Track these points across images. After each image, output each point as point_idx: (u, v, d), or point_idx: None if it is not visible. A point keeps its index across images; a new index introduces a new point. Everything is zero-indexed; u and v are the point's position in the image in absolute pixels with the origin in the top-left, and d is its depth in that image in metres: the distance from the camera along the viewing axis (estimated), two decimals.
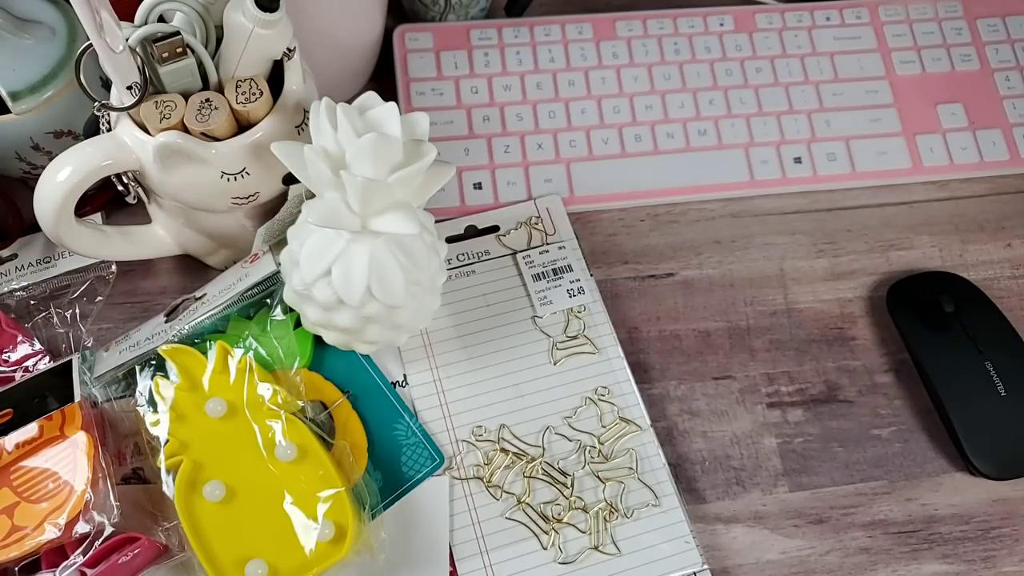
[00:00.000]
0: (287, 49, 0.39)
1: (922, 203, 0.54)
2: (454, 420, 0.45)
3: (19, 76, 0.44)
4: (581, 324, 0.48)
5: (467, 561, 0.42)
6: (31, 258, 0.48)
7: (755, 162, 0.54)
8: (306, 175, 0.37)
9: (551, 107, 0.54)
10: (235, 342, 0.44)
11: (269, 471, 0.40)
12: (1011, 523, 0.45)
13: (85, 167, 0.39)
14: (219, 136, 0.39)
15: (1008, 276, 0.52)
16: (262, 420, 0.41)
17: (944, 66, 0.57)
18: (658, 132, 0.54)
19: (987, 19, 0.59)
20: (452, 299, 0.48)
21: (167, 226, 0.46)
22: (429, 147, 0.36)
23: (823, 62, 0.57)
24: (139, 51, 0.37)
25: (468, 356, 0.47)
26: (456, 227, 0.51)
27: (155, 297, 0.49)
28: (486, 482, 0.44)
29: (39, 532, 0.38)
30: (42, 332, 0.47)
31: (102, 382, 0.43)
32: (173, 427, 0.41)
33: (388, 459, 0.44)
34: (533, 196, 0.52)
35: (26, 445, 0.40)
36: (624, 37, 0.57)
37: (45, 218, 0.40)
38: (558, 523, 0.43)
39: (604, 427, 0.45)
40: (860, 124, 0.55)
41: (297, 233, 0.40)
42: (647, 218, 0.53)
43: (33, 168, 0.47)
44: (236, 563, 0.38)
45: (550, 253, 0.50)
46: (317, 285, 0.39)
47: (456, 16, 0.57)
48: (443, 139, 0.53)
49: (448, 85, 0.55)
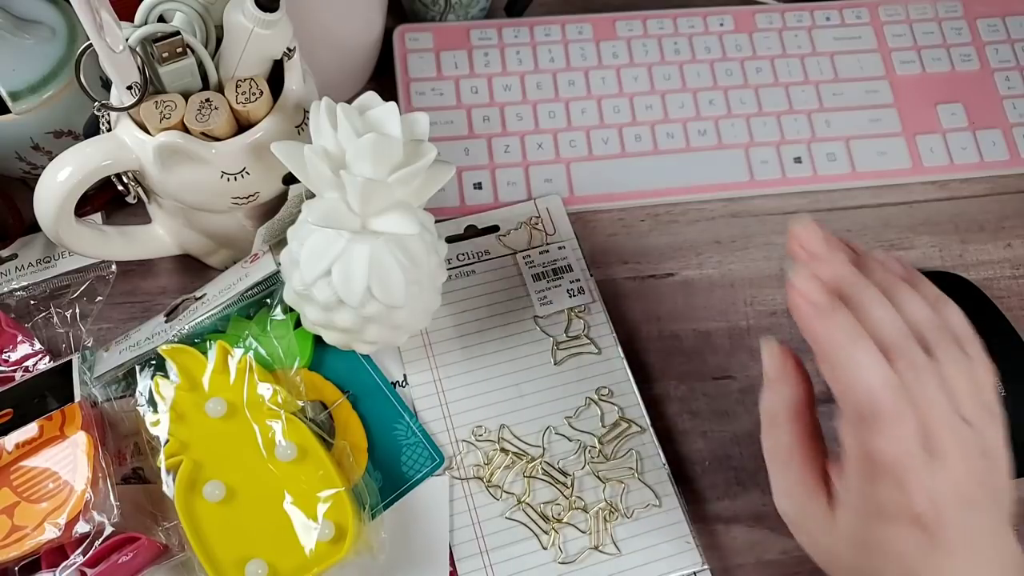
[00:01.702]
0: (287, 49, 0.39)
1: (922, 203, 0.54)
2: (454, 420, 0.45)
3: (19, 76, 0.44)
4: (582, 324, 0.48)
5: (467, 561, 0.42)
6: (31, 258, 0.48)
7: (755, 162, 0.54)
8: (306, 175, 0.37)
9: (551, 107, 0.54)
10: (235, 342, 0.44)
11: (269, 471, 0.40)
12: None
13: (85, 167, 0.39)
14: (219, 136, 0.39)
15: (1008, 276, 0.52)
16: (262, 420, 0.41)
17: (944, 66, 0.57)
18: (658, 132, 0.54)
19: (987, 19, 0.59)
20: (452, 299, 0.48)
21: (167, 226, 0.46)
22: (429, 147, 0.36)
23: (823, 62, 0.57)
24: (139, 51, 0.37)
25: (468, 356, 0.47)
26: (456, 227, 0.51)
27: (155, 297, 0.49)
28: (486, 482, 0.44)
29: (39, 532, 0.38)
30: (42, 332, 0.47)
31: (102, 382, 0.43)
32: (173, 427, 0.41)
33: (388, 459, 0.44)
34: (533, 196, 0.52)
35: (26, 445, 0.40)
36: (624, 37, 0.57)
37: (45, 218, 0.40)
38: (558, 523, 0.43)
39: (605, 427, 0.45)
40: (860, 124, 0.55)
41: (297, 233, 0.40)
42: (647, 218, 0.53)
43: (33, 168, 0.47)
44: (236, 563, 0.38)
45: (550, 253, 0.50)
46: (317, 285, 0.39)
47: (456, 16, 0.57)
48: (443, 139, 0.53)
49: (448, 85, 0.55)
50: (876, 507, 0.31)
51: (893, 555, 0.31)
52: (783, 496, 0.35)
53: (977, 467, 0.31)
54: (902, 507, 0.31)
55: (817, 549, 0.34)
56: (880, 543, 0.31)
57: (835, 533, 0.32)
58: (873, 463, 0.31)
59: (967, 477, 0.31)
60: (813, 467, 0.34)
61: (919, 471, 0.30)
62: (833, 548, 0.33)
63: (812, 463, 0.34)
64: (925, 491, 0.30)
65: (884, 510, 0.31)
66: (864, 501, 0.32)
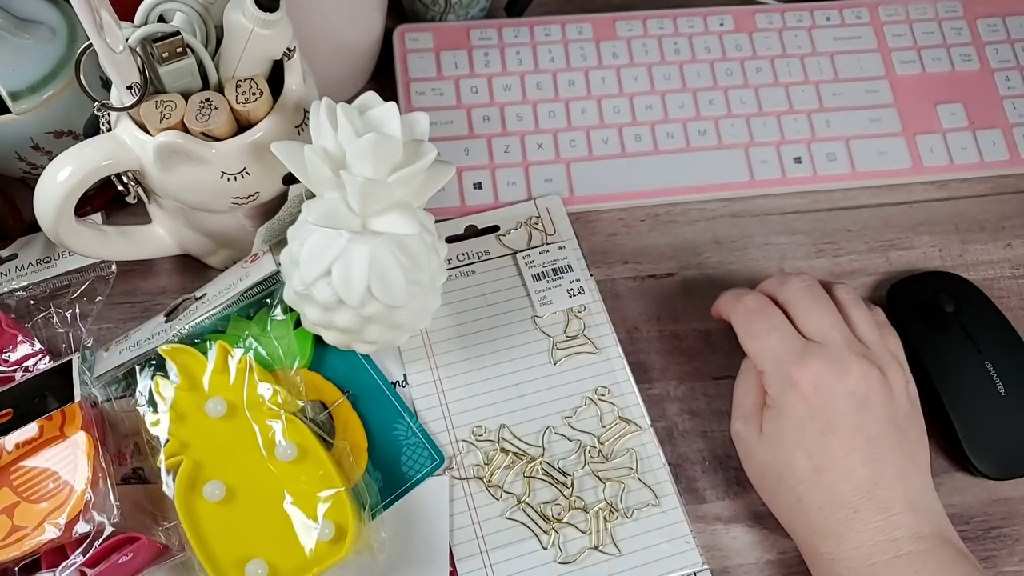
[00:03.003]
0: (287, 49, 0.39)
1: (922, 203, 0.54)
2: (454, 420, 0.45)
3: (19, 76, 0.44)
4: (581, 324, 0.48)
5: (467, 561, 0.42)
6: (31, 258, 0.48)
7: (755, 162, 0.54)
8: (306, 175, 0.37)
9: (551, 107, 0.54)
10: (235, 342, 0.44)
11: (269, 471, 0.40)
12: (1011, 523, 0.45)
13: (85, 167, 0.39)
14: (219, 136, 0.39)
15: (1008, 276, 0.52)
16: (262, 420, 0.41)
17: (944, 66, 0.57)
18: (658, 132, 0.54)
19: (987, 19, 0.59)
20: (452, 299, 0.48)
21: (167, 226, 0.46)
22: (429, 147, 0.36)
23: (823, 62, 0.57)
24: (139, 51, 0.37)
25: (468, 356, 0.47)
26: (456, 227, 0.51)
27: (155, 297, 0.49)
28: (486, 482, 0.44)
29: (39, 532, 0.38)
30: (42, 332, 0.47)
31: (102, 382, 0.43)
32: (173, 427, 0.41)
33: (388, 459, 0.44)
34: (533, 196, 0.52)
35: (26, 445, 0.40)
36: (624, 37, 0.57)
37: (45, 218, 0.40)
38: (558, 523, 0.43)
39: (604, 427, 0.45)
40: (860, 124, 0.55)
41: (297, 233, 0.40)
42: (647, 218, 0.53)
43: (33, 168, 0.47)
44: (236, 563, 0.38)
45: (550, 253, 0.50)
46: (317, 285, 0.39)
47: (456, 16, 0.57)
48: (443, 139, 0.53)
49: (448, 85, 0.55)
50: (781, 401, 0.41)
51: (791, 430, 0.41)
52: (738, 419, 0.44)
53: (872, 378, 0.40)
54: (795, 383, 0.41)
55: (752, 462, 0.43)
56: (783, 424, 0.41)
57: (761, 441, 0.42)
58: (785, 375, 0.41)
59: (863, 384, 0.40)
60: (757, 401, 0.43)
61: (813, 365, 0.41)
62: (763, 457, 0.42)
63: (758, 397, 0.43)
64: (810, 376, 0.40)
65: (784, 396, 0.41)
66: (776, 407, 0.41)
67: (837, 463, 0.39)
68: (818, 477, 0.40)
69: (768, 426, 0.42)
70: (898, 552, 0.38)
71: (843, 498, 0.39)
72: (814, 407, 0.40)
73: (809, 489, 0.40)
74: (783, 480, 0.41)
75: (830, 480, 0.39)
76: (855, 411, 0.40)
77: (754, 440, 0.42)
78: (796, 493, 0.40)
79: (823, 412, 0.40)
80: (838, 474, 0.39)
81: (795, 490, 0.40)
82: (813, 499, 0.40)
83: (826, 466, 0.39)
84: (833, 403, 0.40)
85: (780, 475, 0.41)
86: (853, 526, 0.39)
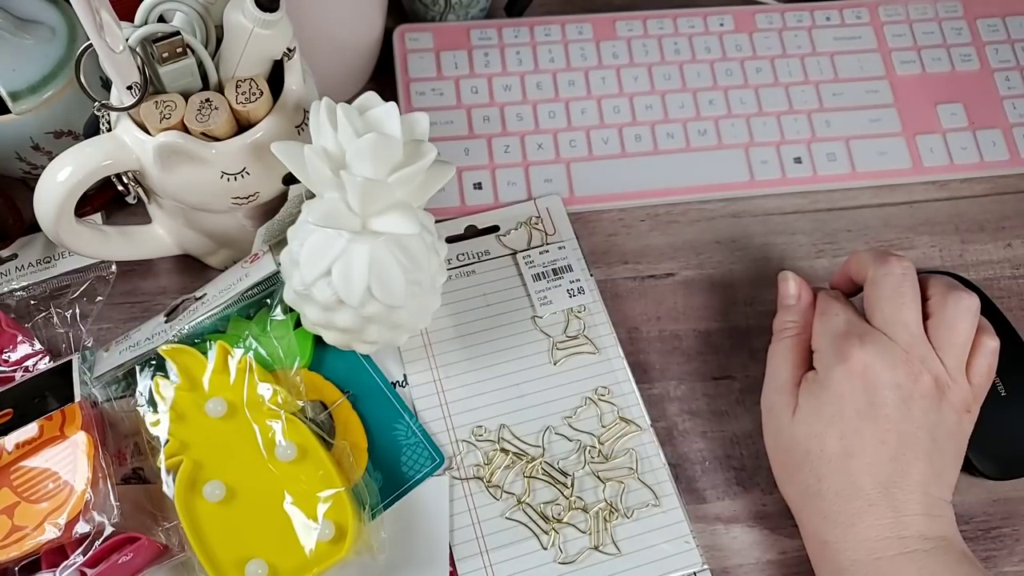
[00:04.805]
0: (287, 49, 0.39)
1: (922, 203, 0.54)
2: (454, 420, 0.45)
3: (19, 76, 0.44)
4: (581, 324, 0.48)
5: (467, 561, 0.42)
6: (31, 258, 0.48)
7: (755, 162, 0.54)
8: (306, 175, 0.37)
9: (551, 107, 0.54)
10: (235, 342, 0.44)
11: (269, 471, 0.40)
12: (1011, 523, 0.45)
13: (85, 167, 0.39)
14: (219, 136, 0.39)
15: (1008, 276, 0.52)
16: (262, 420, 0.41)
17: (944, 66, 0.57)
18: (658, 132, 0.54)
19: (987, 19, 0.59)
20: (452, 299, 0.48)
21: (167, 226, 0.46)
22: (429, 147, 0.36)
23: (823, 62, 0.57)
24: (139, 51, 0.37)
25: (468, 356, 0.47)
26: (456, 227, 0.51)
27: (155, 297, 0.49)
28: (486, 482, 0.44)
29: (39, 532, 0.38)
30: (42, 332, 0.47)
31: (102, 382, 0.43)
32: (173, 427, 0.41)
33: (388, 459, 0.44)
34: (533, 196, 0.52)
35: (26, 445, 0.40)
36: (624, 37, 0.57)
37: (45, 218, 0.40)
38: (558, 523, 0.43)
39: (604, 427, 0.45)
40: (860, 124, 0.55)
41: (297, 233, 0.40)
42: (647, 218, 0.53)
43: (33, 168, 0.47)
44: (236, 563, 0.38)
45: (550, 253, 0.50)
46: (317, 285, 0.39)
47: (456, 16, 0.57)
48: (443, 139, 0.53)
49: (448, 85, 0.55)
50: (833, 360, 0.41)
51: (837, 401, 0.40)
52: (773, 391, 0.43)
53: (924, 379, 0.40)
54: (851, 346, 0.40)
55: (780, 436, 0.42)
56: (822, 400, 0.41)
57: (795, 415, 0.41)
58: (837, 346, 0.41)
59: (906, 375, 0.40)
60: (795, 375, 0.43)
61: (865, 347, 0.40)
62: (793, 432, 0.41)
63: (796, 371, 0.43)
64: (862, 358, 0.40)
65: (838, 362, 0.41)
66: (819, 381, 0.41)
67: (866, 451, 0.39)
68: (844, 462, 0.39)
69: (806, 401, 0.41)
70: (904, 550, 0.38)
71: (862, 488, 0.39)
72: (858, 387, 0.40)
73: (832, 471, 0.40)
74: (809, 457, 0.40)
75: (855, 467, 0.39)
76: (896, 405, 0.39)
77: (786, 413, 0.42)
78: (818, 474, 0.40)
79: (865, 395, 0.40)
80: (864, 463, 0.39)
81: (818, 471, 0.40)
82: (832, 483, 0.40)
83: (855, 451, 0.39)
84: (878, 389, 0.39)
85: (808, 452, 0.40)
86: (865, 519, 0.39)
